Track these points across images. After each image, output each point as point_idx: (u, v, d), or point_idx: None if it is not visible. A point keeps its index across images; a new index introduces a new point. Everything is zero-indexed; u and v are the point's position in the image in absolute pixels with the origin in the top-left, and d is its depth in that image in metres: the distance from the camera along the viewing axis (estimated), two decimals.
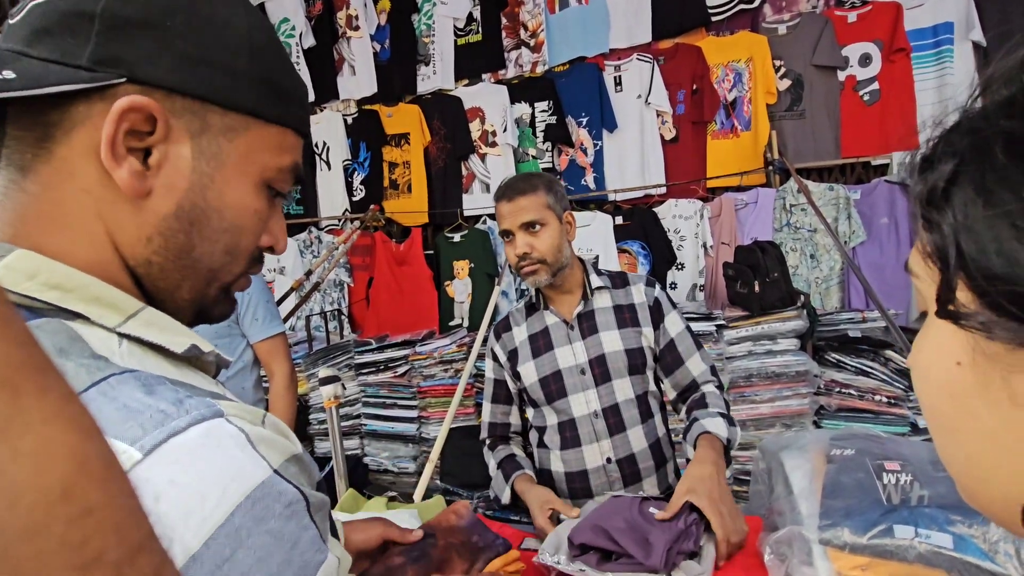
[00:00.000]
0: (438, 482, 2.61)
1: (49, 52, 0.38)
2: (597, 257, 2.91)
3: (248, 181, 0.45)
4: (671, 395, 1.37)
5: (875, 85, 2.67)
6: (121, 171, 0.39)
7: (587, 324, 1.33)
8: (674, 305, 1.38)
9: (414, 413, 2.80)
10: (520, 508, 1.28)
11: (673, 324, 1.34)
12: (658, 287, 1.38)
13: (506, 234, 1.28)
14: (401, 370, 2.80)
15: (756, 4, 2.79)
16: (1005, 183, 0.25)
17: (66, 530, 0.20)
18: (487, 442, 1.44)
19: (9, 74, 0.36)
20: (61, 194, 0.40)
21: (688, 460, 1.23)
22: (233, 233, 0.45)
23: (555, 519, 1.15)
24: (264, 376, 1.75)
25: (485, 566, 0.87)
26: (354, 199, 3.45)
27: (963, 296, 0.27)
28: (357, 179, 3.44)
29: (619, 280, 1.39)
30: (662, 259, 2.86)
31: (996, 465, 0.28)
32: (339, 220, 3.49)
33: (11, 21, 0.40)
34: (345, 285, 3.42)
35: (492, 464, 1.37)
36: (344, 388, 1.36)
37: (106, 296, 0.39)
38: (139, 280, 0.43)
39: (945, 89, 2.57)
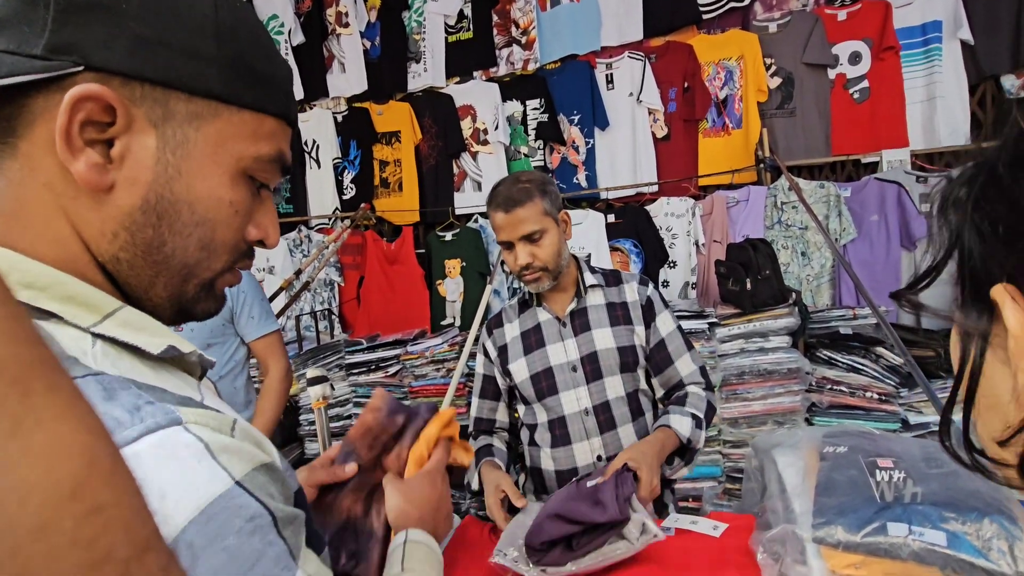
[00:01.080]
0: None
1: (6, 43, 0.36)
2: (589, 255, 2.90)
3: (221, 171, 0.43)
4: (659, 393, 1.37)
5: (865, 83, 2.68)
6: (78, 164, 0.38)
7: (580, 321, 1.32)
8: (666, 304, 1.38)
9: None
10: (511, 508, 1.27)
11: (664, 323, 1.34)
12: (651, 286, 1.37)
13: (506, 244, 1.26)
14: (392, 370, 2.78)
15: (747, 2, 2.80)
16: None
17: (76, 528, 0.20)
18: (471, 435, 1.43)
19: None
20: (24, 190, 0.38)
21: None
22: (206, 227, 0.43)
23: (506, 506, 1.17)
24: (255, 377, 1.75)
25: (414, 438, 0.74)
26: (344, 198, 3.43)
27: None
28: (347, 177, 3.42)
29: (612, 278, 1.38)
30: (654, 257, 2.86)
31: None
32: (329, 219, 3.46)
33: None
34: (335, 284, 3.40)
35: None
36: (333, 388, 1.34)
37: (81, 295, 0.37)
38: (113, 278, 0.41)
39: (934, 87, 2.59)
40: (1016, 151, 0.33)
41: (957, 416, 0.36)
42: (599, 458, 1.27)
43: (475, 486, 1.30)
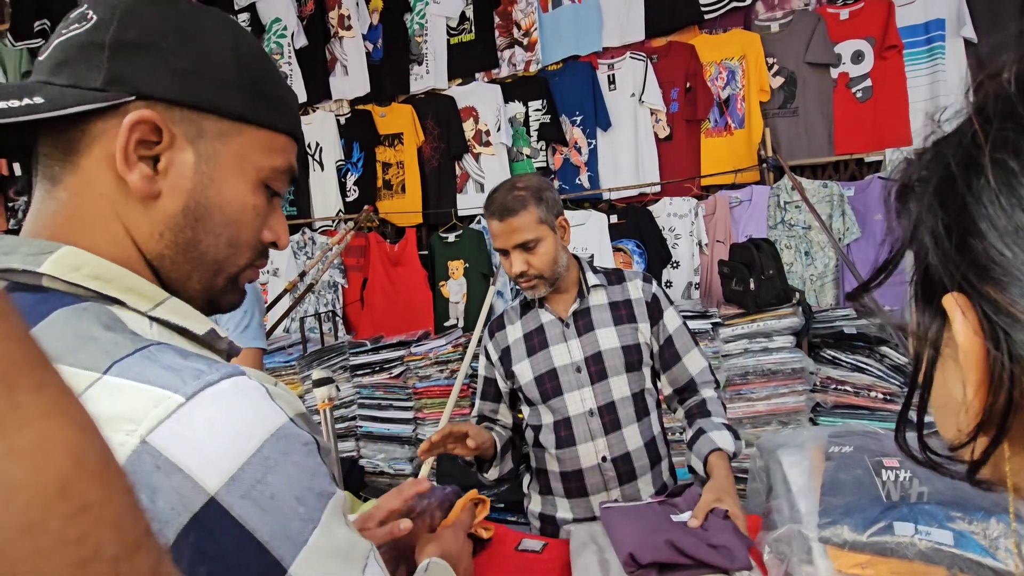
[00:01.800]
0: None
1: (68, 79, 0.45)
2: (592, 256, 2.90)
3: (244, 180, 0.51)
4: (667, 391, 1.36)
5: (868, 82, 2.68)
6: (133, 176, 0.46)
7: (583, 322, 1.32)
8: (671, 301, 1.38)
9: (410, 414, 2.79)
10: (517, 508, 1.27)
11: (671, 320, 1.34)
12: (655, 283, 1.37)
13: (501, 251, 1.27)
14: (396, 371, 2.79)
15: (749, 2, 2.80)
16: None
17: (63, 526, 0.20)
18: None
19: (38, 99, 0.43)
20: (83, 199, 0.46)
21: (690, 467, 1.24)
22: (234, 227, 0.51)
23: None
24: None
25: (445, 514, 0.91)
26: (348, 200, 3.44)
27: None
28: (350, 179, 3.43)
29: (615, 277, 1.38)
30: (657, 257, 2.86)
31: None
32: (333, 221, 3.47)
33: (40, 58, 0.47)
34: (339, 286, 3.40)
35: None
36: (338, 390, 1.34)
37: (137, 286, 0.45)
38: (157, 273, 0.48)
39: (937, 86, 2.58)
40: (968, 151, 0.30)
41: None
42: (603, 459, 1.27)
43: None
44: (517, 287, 1.30)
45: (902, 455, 0.36)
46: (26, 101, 0.43)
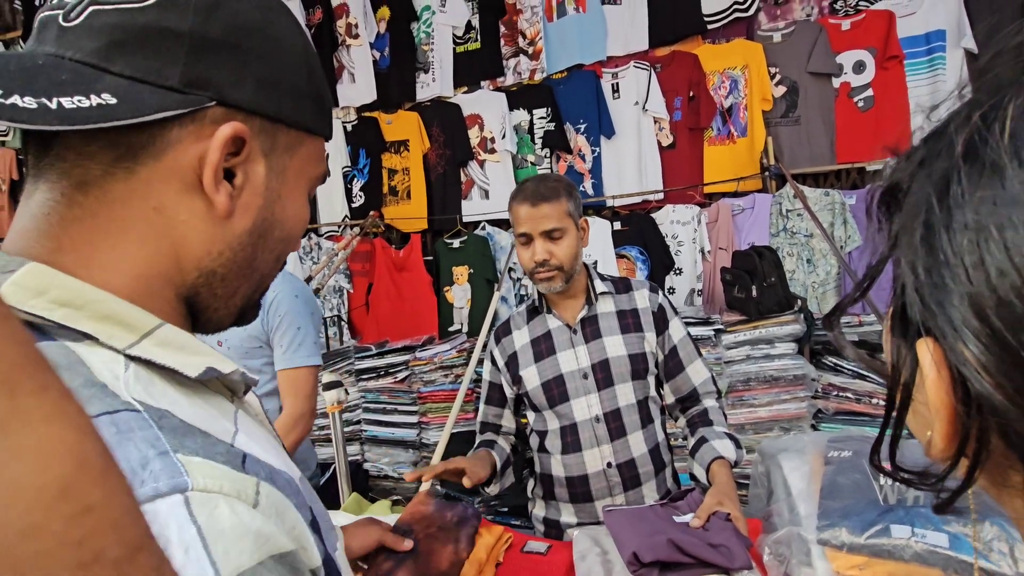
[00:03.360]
0: (439, 488, 2.61)
1: (132, 70, 0.37)
2: (596, 262, 2.93)
3: (301, 193, 0.47)
4: (670, 399, 1.39)
5: (869, 92, 2.71)
6: (220, 195, 0.40)
7: (590, 329, 1.34)
8: (676, 311, 1.40)
9: (414, 419, 2.81)
10: (521, 512, 1.30)
11: (676, 330, 1.36)
12: (661, 293, 1.40)
13: (524, 237, 1.29)
14: (401, 376, 2.81)
15: (751, 12, 2.83)
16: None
17: (65, 528, 0.20)
18: (478, 436, 1.46)
19: (109, 97, 0.35)
20: (128, 211, 0.39)
21: (692, 474, 1.26)
22: (287, 242, 0.47)
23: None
24: None
25: (469, 541, 0.95)
26: (353, 205, 3.47)
27: None
28: (356, 185, 3.46)
29: (622, 285, 1.40)
30: (660, 264, 2.88)
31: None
32: (339, 226, 3.51)
33: (65, 24, 0.37)
34: (345, 291, 3.43)
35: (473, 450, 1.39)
36: (347, 393, 1.37)
37: (118, 313, 0.36)
38: (194, 290, 0.42)
39: (938, 96, 2.58)
40: (945, 183, 0.27)
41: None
42: (608, 465, 1.29)
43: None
44: (527, 288, 1.33)
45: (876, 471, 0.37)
46: (95, 100, 0.35)
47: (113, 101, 0.35)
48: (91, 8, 0.37)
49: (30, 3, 4.12)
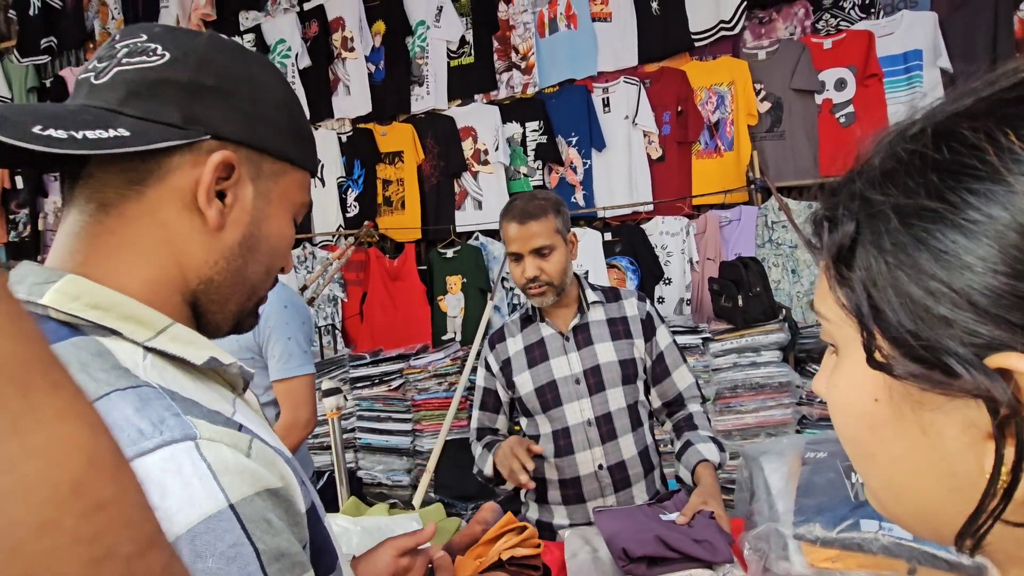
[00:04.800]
0: (432, 494, 2.65)
1: (141, 111, 0.46)
2: (587, 272, 2.99)
3: (286, 215, 0.55)
4: (656, 404, 1.44)
5: (850, 108, 2.80)
6: (212, 211, 0.48)
7: (582, 336, 1.39)
8: (663, 320, 1.46)
9: (408, 426, 2.84)
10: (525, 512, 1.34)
11: (663, 337, 1.42)
12: (648, 302, 1.46)
13: (515, 256, 1.34)
14: (395, 384, 2.85)
15: (737, 31, 2.92)
16: (900, 248, 0.28)
17: (78, 525, 0.20)
18: (473, 441, 1.49)
19: (123, 131, 0.44)
20: (140, 226, 0.47)
21: (679, 477, 1.31)
22: (274, 256, 0.55)
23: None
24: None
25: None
26: (348, 215, 3.52)
27: (883, 345, 0.29)
28: (351, 196, 3.51)
29: (612, 295, 1.46)
30: (650, 274, 2.95)
31: (907, 484, 0.31)
32: (333, 236, 3.55)
33: (95, 81, 0.47)
34: (339, 300, 3.47)
35: (478, 449, 1.42)
36: (346, 399, 1.41)
37: (138, 314, 0.44)
38: (195, 295, 0.50)
39: (916, 112, 2.70)
40: (904, 209, 0.28)
41: None
42: (600, 467, 1.34)
43: (488, 471, 1.34)
44: (520, 298, 1.37)
45: None
46: (112, 133, 0.43)
47: (127, 134, 0.44)
48: (116, 69, 0.47)
49: (25, 14, 4.15)
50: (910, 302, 0.27)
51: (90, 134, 0.42)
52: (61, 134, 0.41)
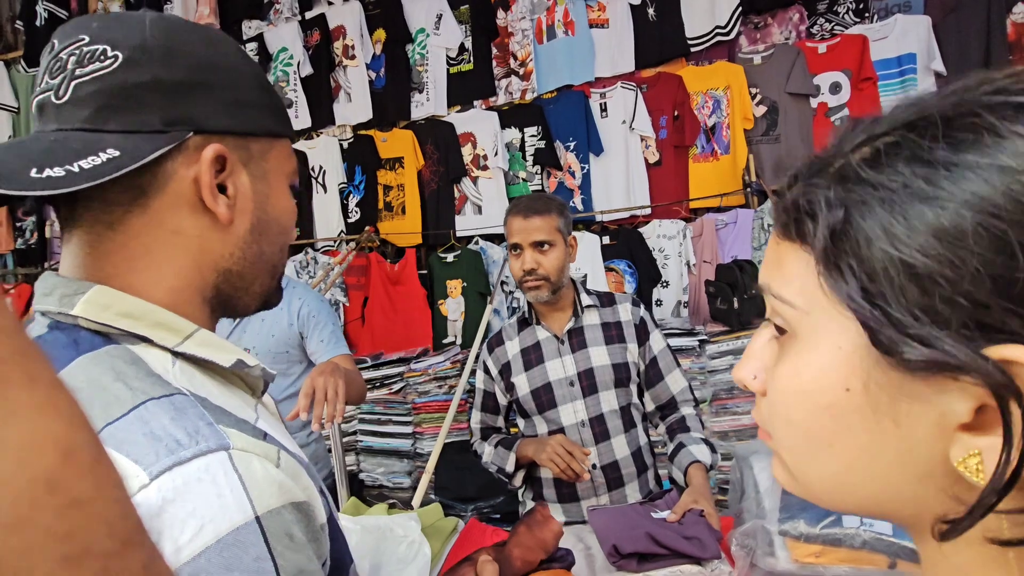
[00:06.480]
0: (433, 496, 2.67)
1: (123, 125, 0.45)
2: (586, 276, 3.02)
3: (283, 187, 0.56)
4: (650, 407, 1.47)
5: (845, 111, 2.82)
6: (220, 207, 0.48)
7: (577, 339, 1.42)
8: (656, 324, 1.49)
9: (409, 429, 2.87)
10: (513, 518, 1.36)
11: (656, 342, 1.45)
12: (642, 307, 1.49)
13: (515, 247, 1.37)
14: (396, 387, 2.88)
15: (732, 36, 2.95)
16: (897, 232, 0.27)
17: (52, 522, 0.20)
18: (476, 440, 1.52)
19: (114, 152, 0.43)
20: (151, 239, 0.47)
21: (672, 477, 1.34)
22: (285, 233, 0.56)
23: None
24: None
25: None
26: (349, 221, 3.55)
27: (887, 330, 0.28)
28: (352, 201, 3.55)
29: (606, 299, 1.49)
30: (647, 277, 2.97)
31: (867, 472, 0.31)
32: (335, 241, 3.58)
33: (56, 101, 0.45)
34: (340, 304, 3.50)
35: (488, 448, 1.45)
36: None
37: (166, 321, 0.46)
38: (218, 288, 0.51)
39: None
40: (897, 192, 0.27)
41: None
42: (593, 466, 1.37)
43: (510, 468, 1.37)
44: (518, 300, 1.41)
45: None
46: (104, 157, 0.42)
47: (117, 154, 0.43)
48: (73, 83, 0.45)
49: (32, 24, 4.21)
50: (910, 286, 0.26)
51: (84, 164, 0.41)
52: (59, 172, 0.41)
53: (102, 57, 0.44)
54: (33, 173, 0.40)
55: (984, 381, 0.25)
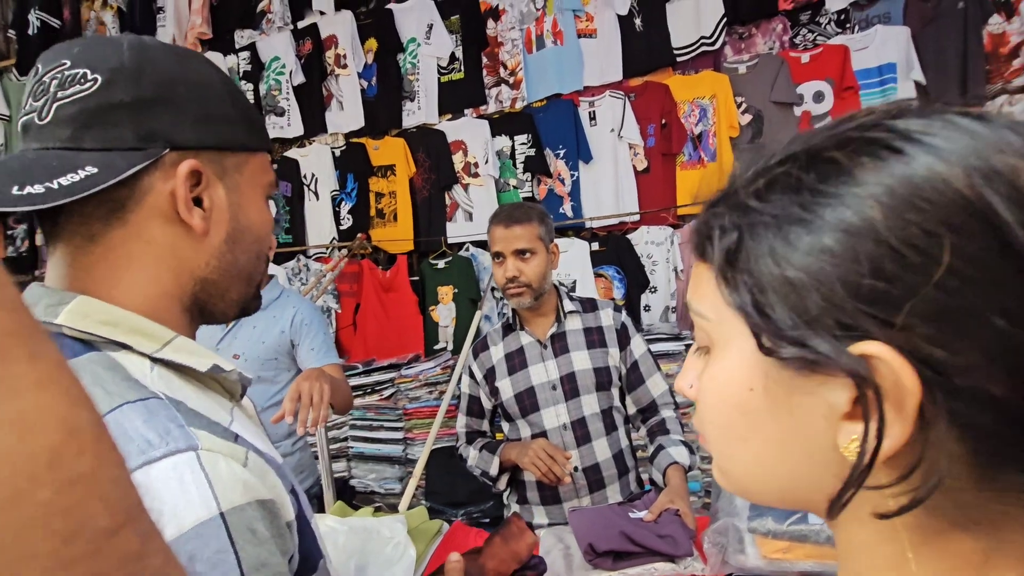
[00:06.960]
0: (423, 502, 2.69)
1: (99, 143, 0.47)
2: (575, 282, 3.05)
3: (258, 199, 0.58)
4: (631, 410, 1.50)
5: (829, 119, 2.87)
6: (195, 219, 0.51)
7: (559, 344, 1.45)
8: (638, 329, 1.52)
9: (400, 435, 2.88)
10: (499, 521, 1.39)
11: (637, 347, 1.48)
12: (624, 312, 1.52)
13: (498, 256, 1.40)
14: (387, 393, 2.90)
15: (718, 46, 3.01)
16: (776, 250, 0.31)
17: (51, 497, 0.20)
18: (462, 444, 1.54)
19: (92, 169, 0.45)
20: (128, 250, 0.50)
21: (651, 479, 1.37)
22: (259, 242, 0.58)
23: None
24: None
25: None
26: (342, 228, 3.58)
27: (769, 336, 0.32)
28: (344, 209, 3.57)
29: (589, 305, 1.52)
30: (636, 283, 3.01)
31: (777, 462, 0.34)
32: (327, 248, 3.60)
33: (39, 123, 0.47)
34: (332, 311, 3.52)
35: (473, 452, 1.48)
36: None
37: (145, 328, 0.48)
38: (195, 296, 0.53)
39: None
40: (778, 217, 0.31)
41: None
42: (575, 468, 1.39)
43: (493, 471, 1.40)
44: (503, 295, 1.43)
45: None
46: (82, 174, 0.44)
47: (95, 170, 0.45)
48: (55, 105, 0.47)
49: (24, 33, 4.23)
50: (789, 296, 0.30)
51: (64, 180, 0.43)
52: (39, 189, 0.43)
53: (82, 80, 0.47)
54: (14, 190, 0.42)
55: (847, 374, 0.29)
